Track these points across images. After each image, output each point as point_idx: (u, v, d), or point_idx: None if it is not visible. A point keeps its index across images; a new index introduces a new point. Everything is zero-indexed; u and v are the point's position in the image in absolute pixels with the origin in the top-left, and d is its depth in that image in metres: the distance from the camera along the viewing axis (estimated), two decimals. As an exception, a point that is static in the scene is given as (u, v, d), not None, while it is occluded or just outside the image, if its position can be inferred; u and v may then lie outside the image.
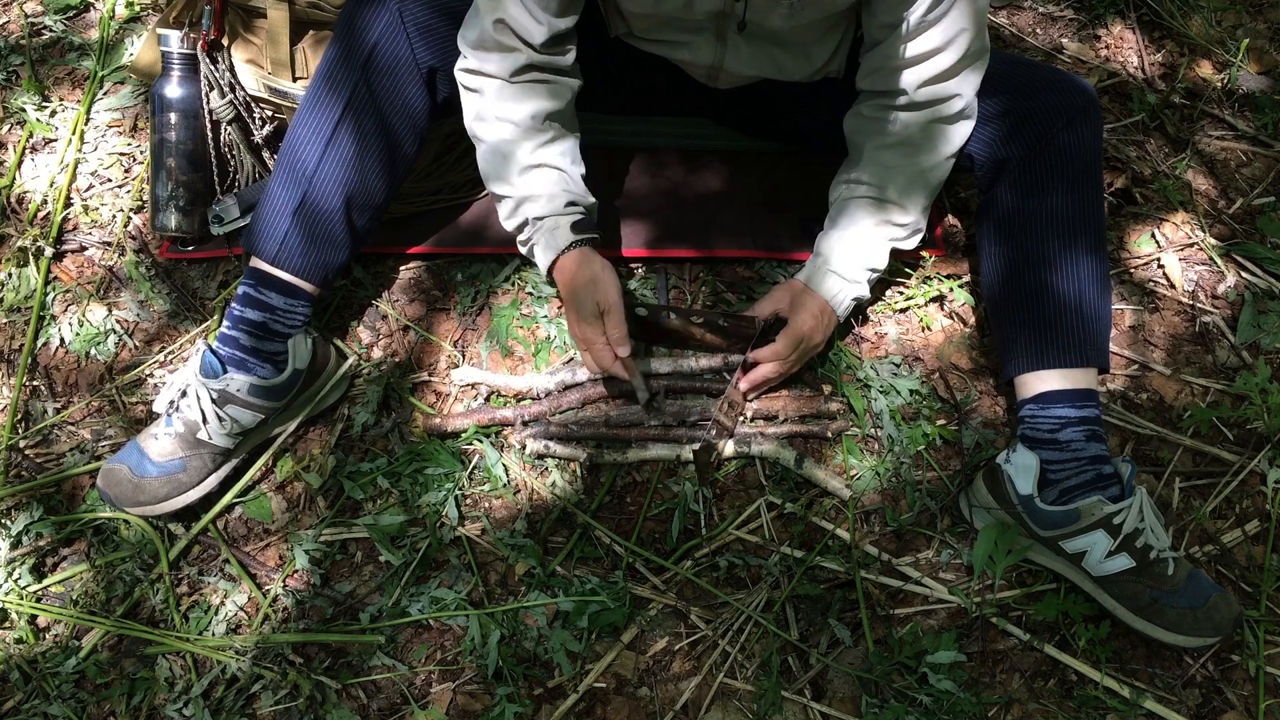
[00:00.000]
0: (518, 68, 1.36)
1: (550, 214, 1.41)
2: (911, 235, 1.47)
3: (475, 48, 1.37)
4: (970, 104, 1.38)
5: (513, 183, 1.41)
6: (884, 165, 1.41)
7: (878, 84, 1.39)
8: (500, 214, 1.46)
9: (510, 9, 1.32)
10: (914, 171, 1.42)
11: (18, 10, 2.13)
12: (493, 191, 1.45)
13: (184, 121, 1.62)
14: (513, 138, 1.40)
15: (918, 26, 1.29)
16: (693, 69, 1.52)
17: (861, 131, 1.44)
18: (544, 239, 1.42)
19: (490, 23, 1.33)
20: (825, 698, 1.32)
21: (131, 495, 1.40)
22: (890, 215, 1.43)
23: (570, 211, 1.42)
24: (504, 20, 1.32)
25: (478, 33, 1.35)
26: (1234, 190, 1.81)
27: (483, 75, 1.38)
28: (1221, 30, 2.04)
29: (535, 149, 1.40)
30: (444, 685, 1.34)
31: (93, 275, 1.74)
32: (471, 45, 1.37)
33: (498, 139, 1.40)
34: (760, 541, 1.43)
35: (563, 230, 1.41)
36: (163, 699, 1.35)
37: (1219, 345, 1.62)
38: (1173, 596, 1.29)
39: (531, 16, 1.33)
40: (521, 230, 1.45)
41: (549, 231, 1.41)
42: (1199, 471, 1.49)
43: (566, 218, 1.42)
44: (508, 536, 1.44)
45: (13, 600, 1.42)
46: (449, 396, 1.58)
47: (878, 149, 1.42)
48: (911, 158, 1.41)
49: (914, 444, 1.49)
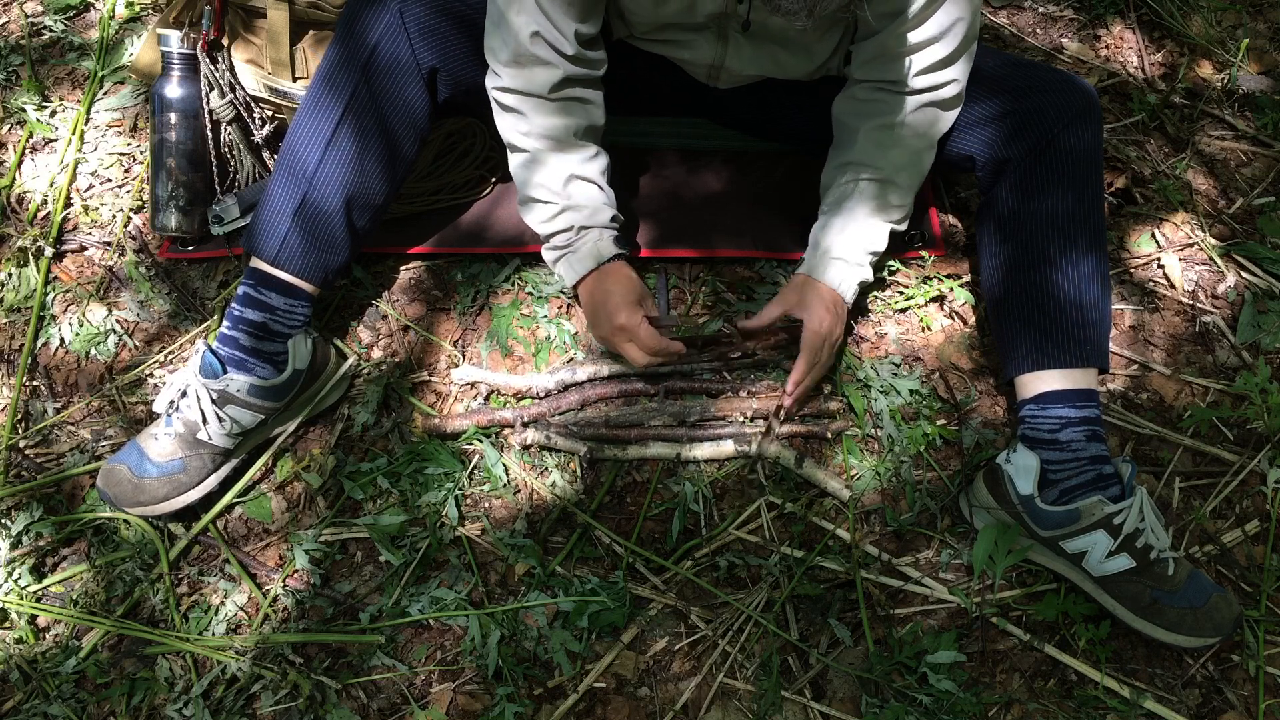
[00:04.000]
0: (556, 82, 1.37)
1: (595, 225, 1.44)
2: (903, 220, 1.49)
3: (511, 64, 1.36)
4: (963, 90, 1.40)
5: (556, 190, 1.43)
6: (880, 146, 1.42)
7: (873, 73, 1.40)
8: (534, 216, 1.47)
9: (541, 21, 1.32)
10: (909, 153, 1.43)
11: (18, 10, 2.13)
12: (529, 195, 1.45)
13: (184, 121, 1.62)
14: (557, 151, 1.41)
15: (917, 16, 1.29)
16: (694, 69, 1.52)
17: (855, 114, 1.45)
18: (587, 249, 1.44)
19: (527, 36, 1.32)
20: (825, 698, 1.32)
21: (131, 495, 1.40)
22: (889, 198, 1.44)
23: (613, 226, 1.46)
24: (539, 32, 1.32)
25: (512, 49, 1.35)
26: (1234, 190, 1.81)
27: (522, 94, 1.38)
28: (1221, 30, 2.04)
29: (580, 163, 1.43)
30: (444, 685, 1.34)
31: (93, 275, 1.74)
32: (506, 63, 1.36)
33: (542, 152, 1.42)
34: (760, 541, 1.43)
35: (606, 243, 1.44)
36: (163, 699, 1.35)
37: (1219, 345, 1.62)
38: (1173, 596, 1.29)
39: (557, 28, 1.33)
40: (558, 236, 1.46)
41: (593, 242, 1.44)
42: (1199, 471, 1.49)
43: (610, 231, 1.46)
44: (508, 536, 1.44)
45: (13, 600, 1.42)
46: (449, 396, 1.58)
47: (874, 130, 1.42)
48: (906, 139, 1.42)
49: (914, 444, 1.49)
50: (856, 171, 1.44)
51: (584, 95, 1.42)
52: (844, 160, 1.46)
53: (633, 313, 1.42)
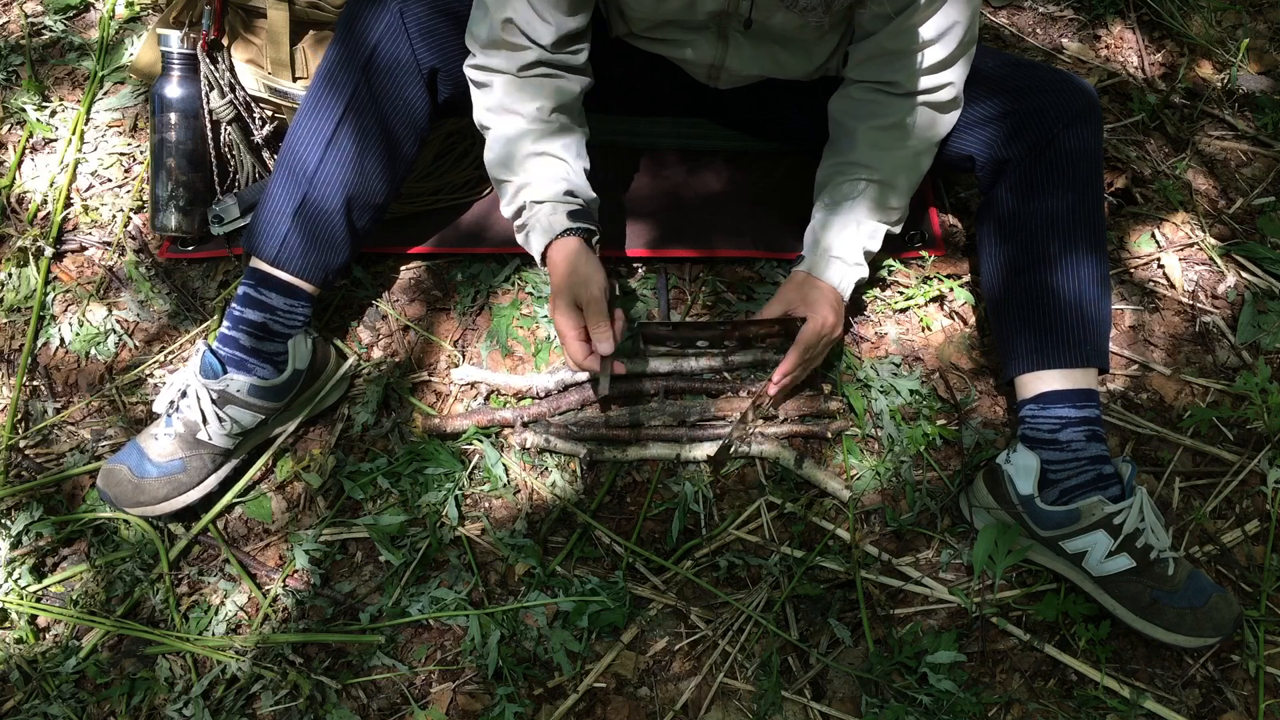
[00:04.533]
0: (526, 63, 1.37)
1: (548, 199, 1.39)
2: (900, 221, 1.49)
3: (485, 46, 1.37)
4: (960, 93, 1.40)
5: (515, 169, 1.40)
6: (878, 147, 1.42)
7: (870, 74, 1.40)
8: (501, 201, 1.45)
9: (518, 9, 1.32)
10: (907, 154, 1.43)
11: (18, 10, 2.13)
12: (495, 178, 1.44)
13: (184, 121, 1.62)
14: (520, 128, 1.40)
15: (915, 18, 1.29)
16: (694, 68, 1.52)
17: (852, 114, 1.44)
18: (539, 224, 1.40)
19: (499, 22, 1.33)
20: (825, 698, 1.32)
21: (132, 496, 1.40)
22: (887, 199, 1.44)
23: (568, 200, 1.40)
24: (512, 20, 1.33)
25: (486, 31, 1.36)
26: (1234, 190, 1.81)
27: (491, 70, 1.39)
28: (1221, 30, 2.04)
29: (540, 138, 1.40)
30: (444, 685, 1.34)
31: (93, 275, 1.74)
32: (482, 44, 1.37)
33: (505, 129, 1.40)
34: (760, 541, 1.43)
35: (559, 217, 1.39)
36: (163, 699, 1.35)
37: (1219, 345, 1.62)
38: (1173, 596, 1.29)
39: (539, 16, 1.33)
40: (519, 215, 1.43)
41: (545, 217, 1.39)
42: (1199, 471, 1.49)
43: (564, 205, 1.40)
44: (508, 536, 1.44)
45: (13, 600, 1.42)
46: (449, 396, 1.58)
47: (872, 130, 1.42)
48: (904, 141, 1.42)
49: (914, 444, 1.49)
50: (856, 172, 1.44)
51: (555, 74, 1.40)
52: (842, 160, 1.46)
53: (567, 319, 1.34)
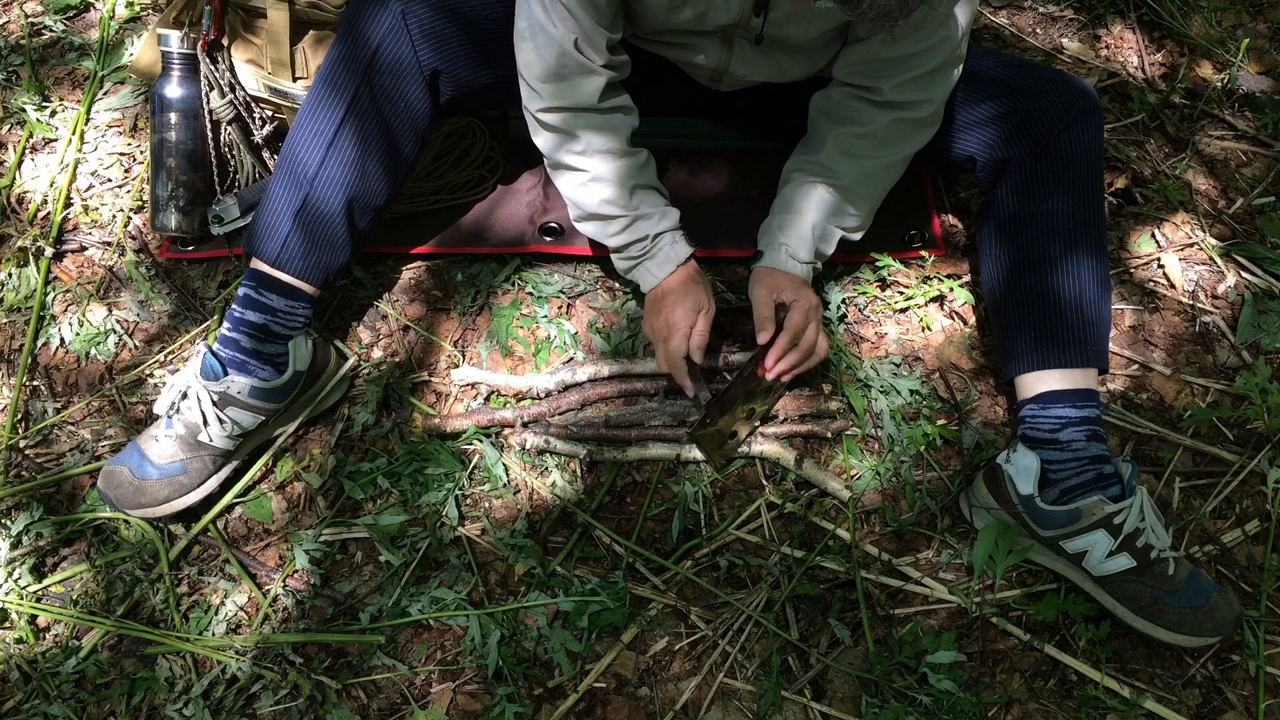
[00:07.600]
0: (601, 90, 1.37)
1: (668, 229, 1.46)
2: (858, 229, 1.50)
3: (552, 79, 1.35)
4: (938, 110, 1.41)
5: (624, 206, 1.43)
6: (848, 155, 1.43)
7: (854, 78, 1.41)
8: (602, 230, 1.47)
9: (581, 22, 1.31)
10: (875, 165, 1.44)
11: (18, 10, 2.13)
12: (594, 213, 1.45)
13: (184, 121, 1.62)
14: (618, 167, 1.42)
15: (902, 30, 1.29)
16: (696, 71, 1.52)
17: (828, 115, 1.46)
18: (662, 254, 1.45)
19: (571, 44, 1.32)
20: (825, 698, 1.32)
21: (132, 497, 1.40)
22: (846, 207, 1.45)
23: (682, 226, 1.48)
24: (579, 40, 1.32)
25: (551, 61, 1.33)
26: (1234, 190, 1.81)
27: (568, 111, 1.38)
28: (1221, 30, 2.04)
29: (638, 170, 1.44)
30: (444, 685, 1.35)
31: (93, 275, 1.74)
32: (545, 77, 1.35)
33: (603, 170, 1.41)
34: (760, 541, 1.43)
35: (680, 246, 1.46)
36: (163, 699, 1.35)
37: (1219, 345, 1.62)
38: (1173, 596, 1.29)
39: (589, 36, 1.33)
40: (631, 246, 1.46)
41: (668, 247, 1.45)
42: (1199, 471, 1.49)
43: (680, 232, 1.47)
44: (508, 536, 1.44)
45: (13, 600, 1.42)
46: (449, 396, 1.58)
47: (842, 135, 1.43)
48: (873, 150, 1.43)
49: (914, 444, 1.49)
50: (819, 174, 1.45)
51: (624, 102, 1.43)
52: (810, 159, 1.47)
53: (687, 314, 1.42)
